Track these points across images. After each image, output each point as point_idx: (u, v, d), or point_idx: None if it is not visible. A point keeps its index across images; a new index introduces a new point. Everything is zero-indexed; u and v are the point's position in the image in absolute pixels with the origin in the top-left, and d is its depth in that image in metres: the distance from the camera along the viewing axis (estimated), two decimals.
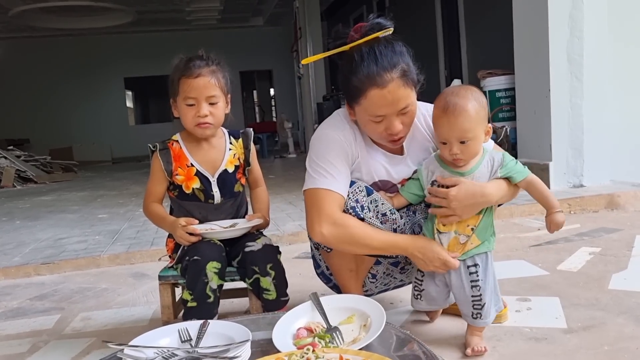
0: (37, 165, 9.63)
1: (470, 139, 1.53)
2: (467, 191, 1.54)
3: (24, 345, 2.05)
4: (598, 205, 3.69)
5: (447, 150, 1.56)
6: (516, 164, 1.59)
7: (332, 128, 1.70)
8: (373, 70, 1.54)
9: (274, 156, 10.53)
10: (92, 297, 2.62)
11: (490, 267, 1.61)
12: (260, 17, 14.10)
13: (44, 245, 3.65)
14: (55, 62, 14.04)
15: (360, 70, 1.56)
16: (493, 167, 1.58)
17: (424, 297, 1.70)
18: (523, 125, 4.44)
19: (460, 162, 1.57)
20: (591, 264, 2.49)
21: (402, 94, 1.56)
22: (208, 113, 1.76)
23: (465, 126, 1.51)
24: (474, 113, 1.51)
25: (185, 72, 1.75)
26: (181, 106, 1.78)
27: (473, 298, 1.60)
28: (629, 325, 1.77)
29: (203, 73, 1.74)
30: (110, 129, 14.53)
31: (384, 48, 1.58)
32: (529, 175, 1.59)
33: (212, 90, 1.76)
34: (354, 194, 1.63)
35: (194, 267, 1.68)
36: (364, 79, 1.55)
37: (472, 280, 1.59)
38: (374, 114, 1.58)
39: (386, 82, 1.54)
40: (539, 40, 4.05)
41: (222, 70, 1.80)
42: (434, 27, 8.78)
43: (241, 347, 1.18)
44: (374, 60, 1.55)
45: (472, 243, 1.59)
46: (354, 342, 1.26)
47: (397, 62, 1.56)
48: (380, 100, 1.55)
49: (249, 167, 1.93)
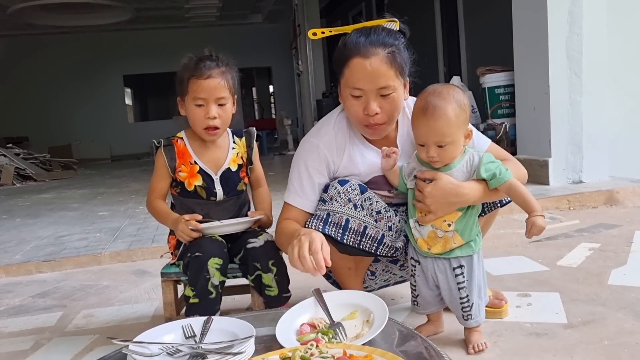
0: (36, 163, 9.61)
1: (448, 143, 1.50)
2: (442, 189, 1.53)
3: (26, 342, 2.06)
4: (597, 201, 3.70)
5: (424, 153, 1.54)
6: (497, 168, 1.54)
7: (314, 136, 1.75)
8: (361, 41, 1.58)
9: (273, 153, 10.53)
10: (94, 295, 2.63)
11: (476, 268, 1.61)
12: (259, 14, 14.07)
13: (45, 242, 3.66)
14: (54, 60, 14.00)
15: (350, 41, 1.60)
16: (472, 167, 1.56)
17: (420, 302, 1.70)
18: (522, 122, 4.45)
19: (437, 164, 1.55)
20: (591, 259, 2.50)
21: (384, 71, 1.56)
22: (217, 115, 1.77)
23: (444, 130, 1.48)
24: (453, 117, 1.48)
25: (195, 73, 1.75)
26: (189, 106, 1.78)
27: (461, 300, 1.61)
28: (628, 320, 1.78)
29: (213, 74, 1.75)
30: (110, 126, 14.49)
31: (381, 30, 1.61)
32: (508, 180, 1.53)
33: (222, 92, 1.76)
34: (346, 193, 1.64)
35: (195, 264, 1.69)
36: (350, 47, 1.59)
37: (458, 282, 1.60)
38: (353, 85, 1.59)
39: (370, 54, 1.56)
40: (538, 37, 4.06)
41: (231, 70, 1.81)
42: (433, 24, 8.78)
43: (245, 343, 1.19)
44: (365, 35, 1.60)
45: (455, 242, 1.58)
46: (357, 337, 1.27)
47: (387, 43, 1.58)
48: (360, 70, 1.57)
49: (252, 165, 1.94)
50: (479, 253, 1.62)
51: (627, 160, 4.32)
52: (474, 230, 1.60)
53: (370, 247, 1.63)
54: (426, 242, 1.61)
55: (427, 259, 1.63)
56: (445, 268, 1.60)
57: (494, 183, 1.54)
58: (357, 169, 1.72)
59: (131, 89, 17.46)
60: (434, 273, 1.62)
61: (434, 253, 1.60)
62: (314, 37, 1.78)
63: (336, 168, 1.73)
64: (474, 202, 1.57)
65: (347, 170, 1.72)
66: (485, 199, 1.59)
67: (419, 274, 1.66)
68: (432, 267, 1.62)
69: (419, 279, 1.67)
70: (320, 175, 1.72)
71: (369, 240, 1.63)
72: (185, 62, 1.79)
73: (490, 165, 1.55)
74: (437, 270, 1.62)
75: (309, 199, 1.71)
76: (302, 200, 1.71)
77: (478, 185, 1.55)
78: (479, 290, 1.62)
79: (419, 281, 1.67)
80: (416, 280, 1.68)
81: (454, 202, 1.54)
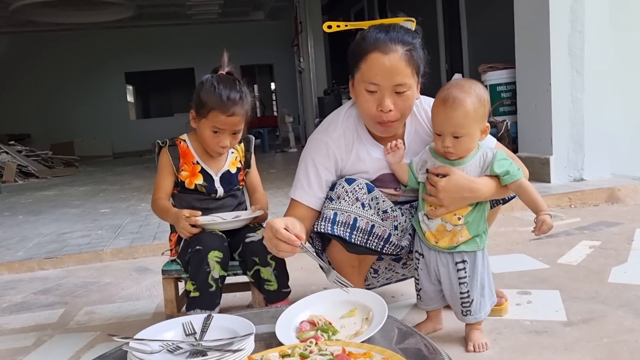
0: (38, 160, 9.63)
1: (463, 135, 1.53)
2: (456, 184, 1.54)
3: (28, 339, 2.07)
4: (598, 199, 3.70)
5: (440, 142, 1.57)
6: (510, 165, 1.57)
7: (322, 133, 1.75)
8: (381, 37, 1.59)
9: (275, 150, 10.53)
10: (96, 291, 2.64)
11: (479, 264, 1.61)
12: (261, 11, 14.05)
13: (47, 239, 3.67)
14: (56, 57, 14.00)
15: (369, 36, 1.61)
16: (485, 163, 1.58)
17: (423, 296, 1.71)
18: (524, 119, 4.44)
19: (452, 155, 1.57)
20: (591, 257, 2.50)
21: (402, 68, 1.57)
22: (229, 143, 1.84)
23: (460, 122, 1.51)
24: (472, 110, 1.51)
25: (219, 107, 1.77)
26: (205, 130, 1.82)
27: (461, 295, 1.61)
28: (628, 318, 1.79)
29: (237, 112, 1.79)
30: (112, 123, 14.50)
31: (400, 28, 1.62)
32: (519, 179, 1.57)
33: (240, 125, 1.83)
34: (354, 192, 1.64)
35: (196, 257, 1.71)
36: (370, 42, 1.59)
37: (459, 277, 1.60)
38: (369, 79, 1.59)
39: (389, 50, 1.57)
40: (540, 34, 4.05)
41: (249, 97, 1.85)
42: (435, 21, 8.76)
43: (245, 340, 1.19)
44: (385, 31, 1.60)
45: (462, 236, 1.59)
46: (356, 335, 1.27)
47: (406, 41, 1.59)
48: (378, 65, 1.57)
49: (249, 169, 2.00)
50: (484, 251, 1.63)
51: (628, 157, 4.32)
52: (482, 226, 1.61)
53: (377, 245, 1.64)
54: (434, 236, 1.61)
55: (430, 252, 1.64)
56: (448, 262, 1.61)
57: (507, 180, 1.56)
58: (365, 167, 1.72)
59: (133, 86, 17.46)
60: (437, 266, 1.63)
61: (441, 247, 1.60)
62: (329, 30, 1.79)
63: (344, 165, 1.73)
64: (485, 198, 1.59)
65: (354, 168, 1.72)
66: (495, 195, 1.61)
67: (422, 267, 1.67)
68: (435, 260, 1.63)
69: (421, 272, 1.68)
70: (328, 172, 1.71)
71: (376, 238, 1.63)
72: (209, 87, 1.80)
73: (504, 162, 1.57)
74: (440, 264, 1.62)
75: (316, 195, 1.70)
76: (309, 197, 1.70)
77: (491, 182, 1.58)
78: (482, 288, 1.63)
79: (421, 275, 1.68)
80: (419, 274, 1.69)
81: (467, 198, 1.56)
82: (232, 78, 1.83)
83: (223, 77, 1.82)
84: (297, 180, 1.74)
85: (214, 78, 1.81)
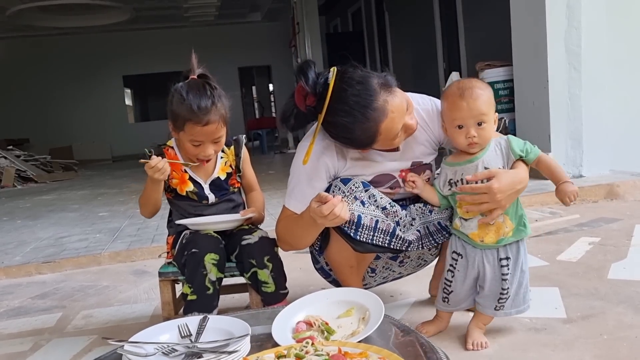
0: (37, 164, 9.63)
1: (486, 121, 1.57)
2: (507, 181, 1.53)
3: (25, 343, 2.06)
4: (597, 195, 3.69)
5: (464, 135, 1.57)
6: (525, 144, 1.62)
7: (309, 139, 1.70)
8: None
9: (274, 152, 10.53)
10: (94, 295, 2.63)
11: (520, 260, 1.61)
12: (258, 13, 14.06)
13: (45, 244, 3.66)
14: (54, 61, 14.01)
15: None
16: (503, 149, 1.60)
17: (452, 298, 1.69)
18: (522, 117, 4.43)
19: (475, 146, 1.58)
20: (591, 254, 2.49)
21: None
22: (212, 152, 1.78)
23: (483, 109, 1.56)
24: (488, 98, 1.57)
25: (192, 118, 1.69)
26: (185, 142, 1.76)
27: (501, 291, 1.61)
28: (628, 314, 1.78)
29: (212, 119, 1.70)
30: (110, 127, 14.51)
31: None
32: (540, 154, 1.61)
33: (219, 132, 1.75)
34: (351, 191, 1.63)
35: (192, 260, 1.69)
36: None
37: (502, 273, 1.60)
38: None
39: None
40: (537, 31, 4.05)
41: (223, 99, 1.75)
42: (432, 19, 8.76)
43: (241, 341, 1.18)
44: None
45: (507, 226, 1.58)
46: (353, 335, 1.26)
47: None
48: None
49: (240, 173, 1.95)
50: (525, 250, 1.63)
51: (627, 153, 4.30)
52: (519, 210, 1.62)
53: (384, 240, 1.62)
54: (478, 235, 1.60)
55: (476, 251, 1.62)
56: (494, 258, 1.60)
57: (531, 157, 1.60)
58: (360, 170, 1.71)
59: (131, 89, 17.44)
60: (482, 264, 1.61)
61: (488, 243, 1.59)
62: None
63: (337, 171, 1.71)
64: (527, 183, 1.60)
65: (348, 172, 1.71)
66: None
67: (459, 269, 1.65)
68: (480, 258, 1.61)
69: (458, 274, 1.65)
70: (320, 180, 1.69)
71: (382, 234, 1.62)
72: (178, 99, 1.71)
73: (519, 142, 1.61)
74: (485, 261, 1.61)
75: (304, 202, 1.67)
76: (302, 207, 1.68)
77: (522, 165, 1.61)
78: (519, 286, 1.62)
79: (457, 276, 1.65)
80: (454, 275, 1.66)
81: (518, 190, 1.57)
82: (202, 83, 1.74)
83: (192, 84, 1.73)
84: (290, 190, 1.74)
85: (183, 87, 1.72)
